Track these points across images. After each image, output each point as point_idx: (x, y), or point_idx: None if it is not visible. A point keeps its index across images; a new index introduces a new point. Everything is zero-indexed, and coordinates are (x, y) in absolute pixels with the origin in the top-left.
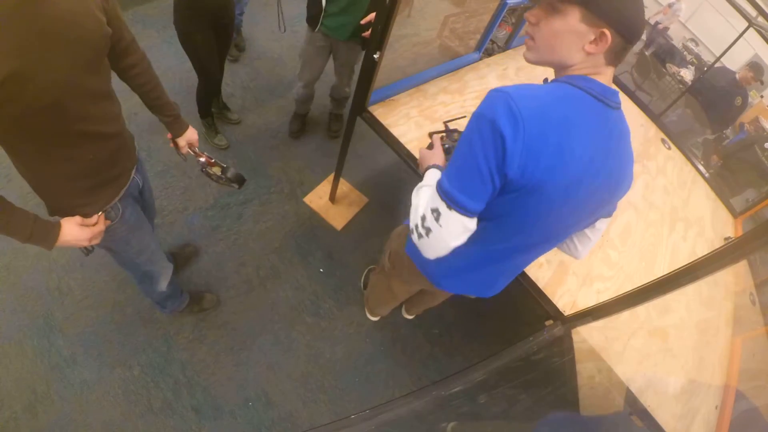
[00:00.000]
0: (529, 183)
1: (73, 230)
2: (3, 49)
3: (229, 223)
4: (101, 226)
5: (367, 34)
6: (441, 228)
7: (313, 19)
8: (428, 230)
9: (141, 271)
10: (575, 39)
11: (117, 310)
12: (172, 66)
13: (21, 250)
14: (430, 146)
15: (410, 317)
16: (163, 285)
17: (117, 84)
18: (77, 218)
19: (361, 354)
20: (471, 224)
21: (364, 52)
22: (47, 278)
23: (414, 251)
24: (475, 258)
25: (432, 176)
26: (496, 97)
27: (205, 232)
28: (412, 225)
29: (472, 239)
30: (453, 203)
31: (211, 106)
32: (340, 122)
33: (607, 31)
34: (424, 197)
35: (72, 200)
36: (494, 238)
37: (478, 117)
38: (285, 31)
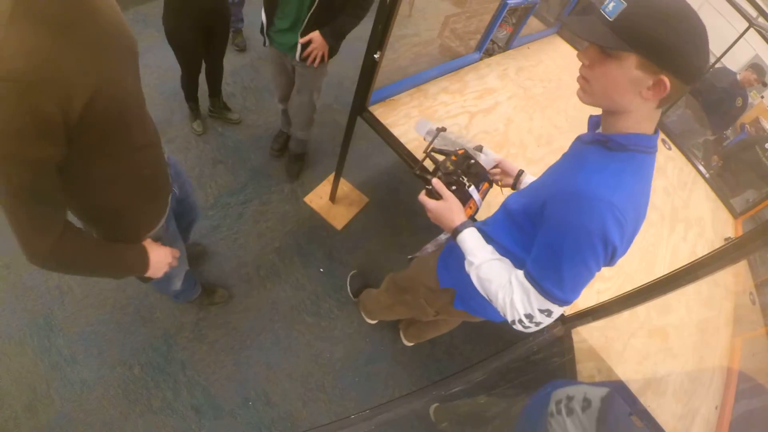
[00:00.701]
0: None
1: (159, 251)
2: (83, 68)
3: (229, 222)
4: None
5: (312, 60)
6: (551, 319)
7: (262, 35)
8: (538, 324)
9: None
10: (631, 86)
11: (117, 310)
12: (173, 66)
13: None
14: (431, 192)
15: (410, 344)
16: (177, 284)
17: None
18: (149, 240)
19: (361, 354)
20: None
21: (325, 73)
22: (47, 277)
23: (469, 306)
24: None
25: (475, 243)
26: (601, 210)
27: (206, 231)
28: (509, 318)
29: None
30: (565, 303)
31: (193, 92)
32: (298, 163)
33: (666, 79)
34: (515, 291)
35: (136, 220)
36: None
37: (583, 231)
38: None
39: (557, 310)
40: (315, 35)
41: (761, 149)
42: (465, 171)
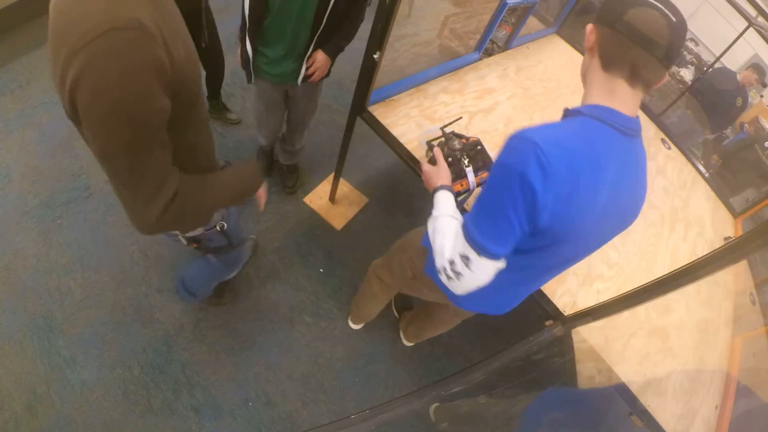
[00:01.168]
0: (559, 227)
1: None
2: (172, 34)
3: None
4: None
5: (314, 77)
6: (472, 272)
7: (246, 70)
8: (458, 274)
9: (235, 258)
10: (587, 56)
11: (117, 311)
12: None
13: (21, 251)
14: (432, 160)
15: (410, 344)
16: (234, 271)
17: None
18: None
19: (361, 354)
20: (501, 264)
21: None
22: (47, 278)
23: (434, 273)
24: (502, 282)
25: (444, 202)
26: (522, 147)
27: None
28: (438, 266)
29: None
30: (483, 251)
31: None
32: (294, 174)
33: (591, 26)
34: (449, 237)
35: None
36: (522, 264)
37: (504, 168)
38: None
39: (475, 260)
40: (319, 55)
41: (761, 148)
42: (470, 154)
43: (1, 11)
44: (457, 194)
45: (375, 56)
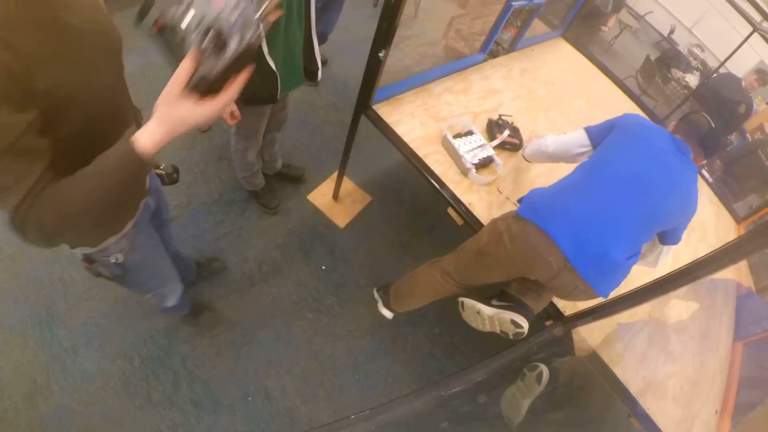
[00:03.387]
0: None
1: (180, 107)
2: (45, 54)
3: (233, 218)
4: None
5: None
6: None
7: (270, 93)
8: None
9: (150, 292)
10: None
11: (119, 303)
12: (166, 67)
13: None
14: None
15: (391, 315)
16: (171, 302)
17: (129, 73)
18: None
19: (361, 351)
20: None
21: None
22: (50, 269)
23: (531, 200)
24: (576, 183)
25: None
26: None
27: (209, 226)
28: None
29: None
30: None
31: None
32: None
33: None
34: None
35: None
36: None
37: None
38: None
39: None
40: None
41: (765, 154)
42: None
43: None
44: None
45: (380, 54)
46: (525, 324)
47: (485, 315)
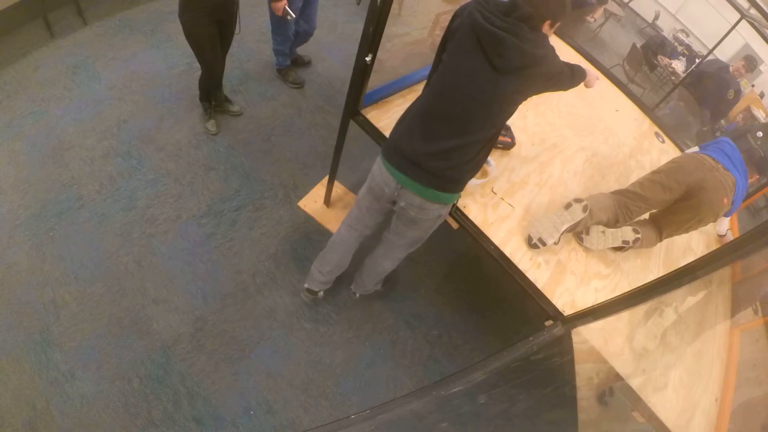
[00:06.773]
0: None
1: None
2: None
3: (223, 230)
4: None
5: None
6: None
7: None
8: None
9: None
10: None
11: (113, 323)
12: (161, 71)
13: (14, 265)
14: None
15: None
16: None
17: (112, 84)
18: None
19: (361, 358)
20: None
21: None
22: (41, 292)
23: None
24: None
25: None
26: None
27: (200, 239)
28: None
29: None
30: None
31: (209, 93)
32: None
33: None
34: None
35: None
36: None
37: None
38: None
39: None
40: None
41: (753, 137)
42: None
43: None
44: None
45: (367, 59)
46: (641, 231)
47: (609, 231)
